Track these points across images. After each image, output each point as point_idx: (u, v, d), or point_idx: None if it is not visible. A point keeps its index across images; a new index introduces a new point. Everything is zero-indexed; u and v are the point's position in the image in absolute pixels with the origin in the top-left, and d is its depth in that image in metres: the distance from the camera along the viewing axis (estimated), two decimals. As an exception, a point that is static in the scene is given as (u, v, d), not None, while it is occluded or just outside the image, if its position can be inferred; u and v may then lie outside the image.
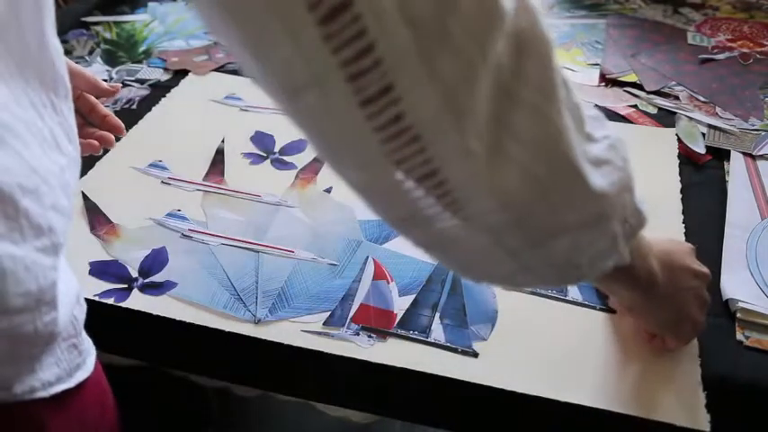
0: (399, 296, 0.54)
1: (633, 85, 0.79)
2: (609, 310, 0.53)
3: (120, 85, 0.75)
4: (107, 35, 0.92)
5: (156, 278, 0.56)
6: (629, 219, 0.34)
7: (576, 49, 0.87)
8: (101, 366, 0.44)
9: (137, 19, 0.96)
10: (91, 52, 0.88)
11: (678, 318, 0.46)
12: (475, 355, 0.50)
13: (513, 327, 0.52)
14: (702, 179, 0.65)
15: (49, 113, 0.35)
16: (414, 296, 0.54)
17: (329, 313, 0.53)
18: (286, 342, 0.51)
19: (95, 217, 0.61)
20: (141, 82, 0.82)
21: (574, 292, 0.54)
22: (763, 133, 0.70)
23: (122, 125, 0.57)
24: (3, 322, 0.32)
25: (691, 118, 0.73)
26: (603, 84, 0.80)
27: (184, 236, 0.60)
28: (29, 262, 0.32)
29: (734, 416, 0.47)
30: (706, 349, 0.49)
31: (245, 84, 0.81)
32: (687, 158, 0.68)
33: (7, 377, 0.35)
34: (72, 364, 0.40)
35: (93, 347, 0.43)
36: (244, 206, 0.64)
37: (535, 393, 0.47)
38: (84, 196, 0.63)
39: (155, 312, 0.53)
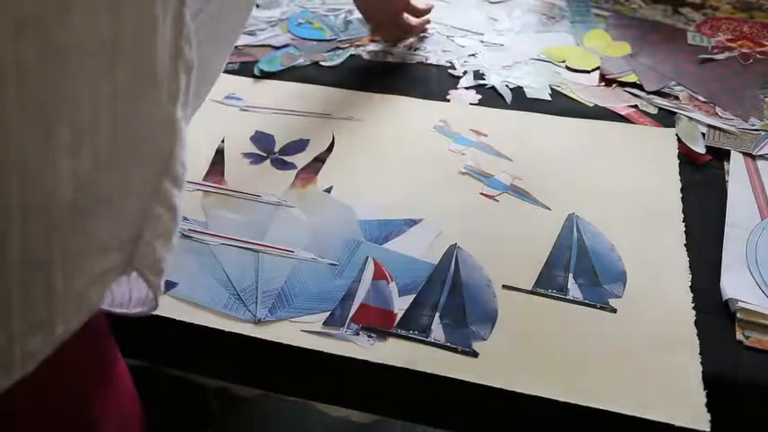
0: (399, 296, 0.54)
1: (633, 85, 0.79)
2: (609, 309, 0.53)
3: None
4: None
5: (156, 278, 0.56)
6: None
7: (577, 49, 0.87)
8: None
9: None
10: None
11: None
12: (475, 355, 0.50)
13: (513, 327, 0.52)
14: (702, 179, 0.65)
15: None
16: (414, 296, 0.54)
17: (329, 313, 0.53)
18: (286, 342, 0.51)
19: (95, 217, 0.61)
20: (141, 82, 0.82)
21: (574, 291, 0.54)
22: (763, 133, 0.70)
23: None
24: None
25: (691, 118, 0.73)
26: (603, 84, 0.80)
27: (184, 236, 0.60)
28: None
29: (734, 416, 0.47)
30: (706, 349, 0.49)
31: (245, 84, 0.81)
32: (687, 158, 0.68)
33: None
34: None
35: None
36: (244, 206, 0.64)
37: (535, 393, 0.47)
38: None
39: (155, 312, 0.53)
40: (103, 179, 0.33)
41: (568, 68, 0.83)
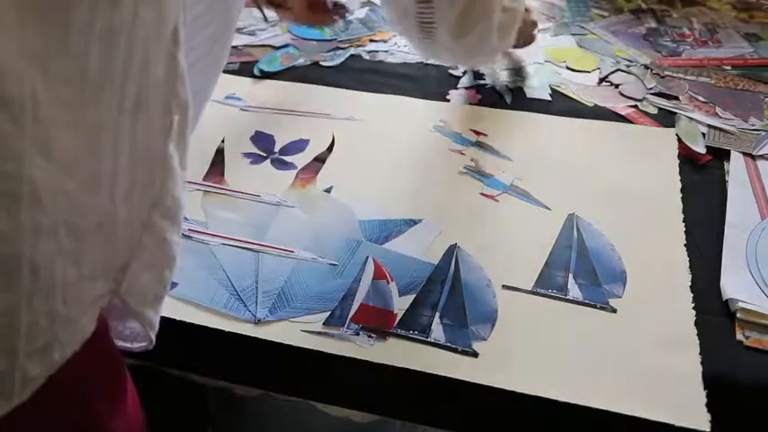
0: (399, 296, 0.54)
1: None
2: (609, 309, 0.53)
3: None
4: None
5: (156, 278, 0.56)
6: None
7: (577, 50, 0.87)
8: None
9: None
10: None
11: None
12: (475, 355, 0.50)
13: (513, 327, 0.52)
14: (702, 179, 0.65)
15: None
16: (414, 296, 0.54)
17: (329, 313, 0.53)
18: (286, 342, 0.51)
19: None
20: (141, 82, 0.82)
21: (574, 291, 0.54)
22: (763, 133, 0.70)
23: None
24: None
25: (691, 118, 0.73)
26: (603, 84, 0.80)
27: (184, 236, 0.60)
28: None
29: (734, 416, 0.47)
30: (706, 349, 0.49)
31: (245, 84, 0.81)
32: (687, 158, 0.68)
33: None
34: None
35: None
36: (244, 206, 0.64)
37: (535, 393, 0.47)
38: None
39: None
40: (97, 204, 0.33)
41: (568, 68, 0.83)
